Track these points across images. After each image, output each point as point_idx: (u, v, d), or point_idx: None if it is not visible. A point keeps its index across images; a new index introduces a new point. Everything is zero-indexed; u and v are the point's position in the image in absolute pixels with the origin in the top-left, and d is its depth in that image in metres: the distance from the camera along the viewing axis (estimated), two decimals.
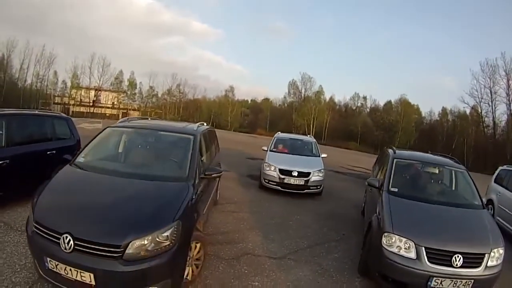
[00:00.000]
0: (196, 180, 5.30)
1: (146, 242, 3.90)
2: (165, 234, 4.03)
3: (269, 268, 5.90)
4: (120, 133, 6.79)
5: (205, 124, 7.95)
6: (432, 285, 4.99)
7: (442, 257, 5.03)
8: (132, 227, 3.98)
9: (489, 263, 5.18)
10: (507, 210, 10.39)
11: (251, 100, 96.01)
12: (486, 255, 5.18)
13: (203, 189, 5.77)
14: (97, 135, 6.26)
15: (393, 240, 5.25)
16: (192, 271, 4.91)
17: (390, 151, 8.12)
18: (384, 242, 5.31)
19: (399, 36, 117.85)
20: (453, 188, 7.90)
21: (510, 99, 59.62)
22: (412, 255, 5.10)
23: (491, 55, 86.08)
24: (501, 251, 5.39)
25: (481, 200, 6.80)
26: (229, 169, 14.70)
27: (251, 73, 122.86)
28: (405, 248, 5.16)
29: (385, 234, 5.35)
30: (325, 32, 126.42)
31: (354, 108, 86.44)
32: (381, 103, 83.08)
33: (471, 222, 6.04)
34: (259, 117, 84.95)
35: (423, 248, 5.07)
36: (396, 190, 6.62)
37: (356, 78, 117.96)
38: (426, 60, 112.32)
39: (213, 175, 5.97)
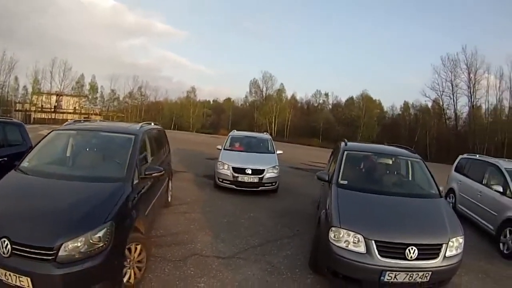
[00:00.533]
0: (135, 180, 5.13)
1: (79, 244, 3.81)
2: (98, 235, 3.91)
3: (217, 269, 5.71)
4: (64, 136, 6.59)
5: (152, 123, 7.80)
6: (385, 280, 4.79)
7: (394, 250, 4.83)
8: (64, 229, 3.89)
9: (448, 253, 5.04)
10: (468, 197, 10.57)
11: (213, 101, 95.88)
12: (444, 245, 5.03)
13: (146, 189, 5.61)
14: (42, 139, 6.12)
15: (341, 235, 5.02)
16: (135, 274, 4.73)
17: (342, 143, 7.93)
18: (332, 236, 5.08)
19: (360, 33, 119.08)
20: (410, 178, 7.81)
21: (471, 91, 62.15)
22: (362, 249, 4.88)
23: (451, 50, 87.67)
24: (461, 240, 5.28)
25: (438, 189, 6.71)
26: (187, 170, 14.70)
27: (215, 74, 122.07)
28: (353, 243, 4.93)
29: (333, 228, 5.12)
30: (289, 31, 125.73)
31: (316, 105, 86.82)
32: (343, 99, 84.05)
33: (427, 212, 5.91)
34: (222, 118, 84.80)
35: (373, 241, 4.85)
36: (345, 182, 6.45)
37: (318, 76, 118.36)
38: (387, 56, 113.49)
39: (153, 175, 5.72)
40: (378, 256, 4.79)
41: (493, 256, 8.09)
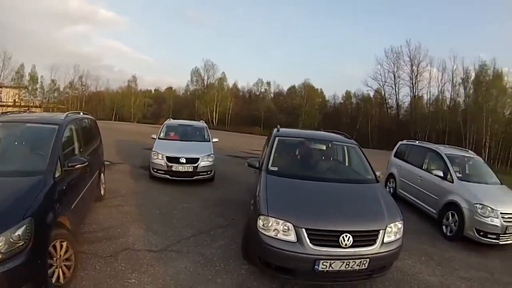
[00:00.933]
0: (57, 173, 4.86)
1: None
2: (17, 233, 3.67)
3: (148, 263, 5.54)
4: None
5: (81, 113, 7.48)
6: (320, 269, 4.63)
7: (327, 238, 4.68)
8: None
9: (386, 239, 4.97)
10: (408, 182, 10.89)
11: (155, 90, 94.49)
12: (381, 231, 4.94)
13: (72, 182, 5.36)
14: None
15: (269, 224, 4.82)
16: (64, 274, 4.49)
17: (275, 129, 7.83)
18: (260, 225, 4.88)
19: (304, 23, 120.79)
20: (346, 164, 7.83)
21: (413, 82, 65.64)
22: (292, 238, 4.70)
23: (395, 44, 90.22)
24: (400, 225, 5.23)
25: (375, 174, 6.72)
26: (124, 161, 14.35)
27: (157, 63, 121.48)
28: (283, 231, 4.75)
29: (261, 217, 4.92)
30: (232, 20, 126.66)
31: (257, 93, 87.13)
32: (285, 88, 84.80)
33: (363, 198, 5.86)
34: (163, 107, 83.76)
35: (303, 229, 4.68)
36: (275, 169, 6.35)
37: (260, 65, 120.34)
38: (330, 47, 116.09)
39: (76, 166, 5.42)
40: (310, 245, 4.63)
41: (436, 239, 8.37)
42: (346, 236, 4.66)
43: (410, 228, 8.55)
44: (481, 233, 7.91)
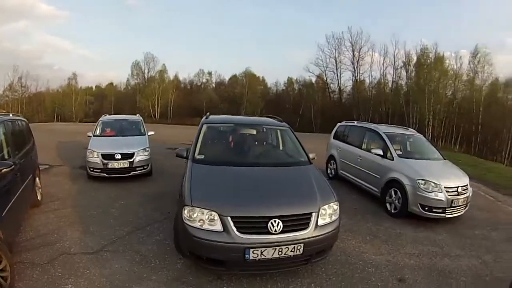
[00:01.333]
0: None
1: None
2: None
3: (84, 266, 5.31)
4: None
5: (11, 114, 7.04)
6: (251, 258, 4.49)
7: (255, 225, 4.57)
8: None
9: (320, 222, 4.89)
10: (349, 163, 11.00)
11: (96, 87, 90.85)
12: (314, 214, 4.84)
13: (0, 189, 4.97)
14: None
15: (195, 214, 4.66)
16: (0, 285, 4.23)
17: (204, 117, 7.70)
18: (186, 217, 4.71)
19: (245, 11, 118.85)
20: (280, 148, 7.73)
21: (355, 67, 67.19)
22: (218, 227, 4.55)
23: (337, 30, 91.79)
24: (335, 206, 5.17)
25: (307, 156, 6.65)
26: (63, 163, 13.80)
27: (99, 58, 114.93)
28: (209, 221, 4.59)
29: (186, 208, 4.76)
30: (172, 9, 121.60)
31: (199, 84, 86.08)
32: (227, 78, 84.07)
33: (294, 181, 5.73)
34: (104, 104, 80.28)
35: (229, 218, 4.54)
36: (202, 157, 6.25)
37: (201, 55, 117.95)
38: (271, 34, 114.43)
39: (2, 171, 5.01)
40: (237, 233, 4.49)
41: (381, 217, 8.46)
42: (275, 221, 4.55)
43: (353, 208, 8.76)
44: (426, 208, 8.03)
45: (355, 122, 12.27)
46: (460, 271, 6.07)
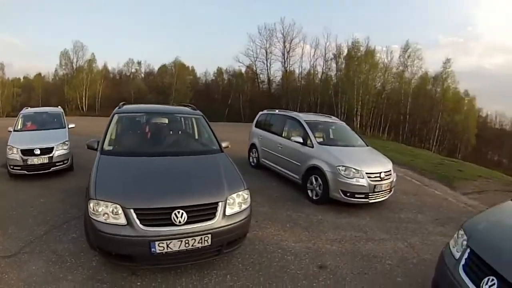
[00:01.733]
0: None
1: None
2: None
3: (3, 271, 5.00)
4: None
5: None
6: (158, 251, 4.37)
7: (158, 217, 4.44)
8: None
9: (229, 211, 4.82)
10: (270, 151, 11.02)
11: (24, 78, 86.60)
12: (220, 203, 4.77)
13: None
14: None
15: (99, 208, 4.46)
16: None
17: (117, 107, 7.46)
18: (91, 210, 4.50)
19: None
20: (194, 136, 7.66)
21: (285, 57, 68.52)
22: (122, 221, 4.37)
23: (269, 21, 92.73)
24: (245, 194, 5.12)
25: (219, 144, 6.64)
26: None
27: (27, 46, 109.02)
28: (113, 215, 4.40)
29: (91, 201, 4.54)
30: None
31: (128, 74, 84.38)
32: (156, 67, 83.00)
33: (202, 170, 5.66)
34: (32, 96, 75.92)
35: (132, 210, 4.37)
36: (110, 148, 6.05)
37: (131, 44, 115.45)
38: (201, 24, 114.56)
39: None
40: (141, 226, 4.34)
41: (303, 204, 8.46)
42: (179, 212, 4.45)
43: (274, 196, 8.76)
44: (348, 194, 8.10)
45: (277, 111, 12.27)
46: (385, 254, 6.14)
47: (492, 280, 3.28)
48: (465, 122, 62.40)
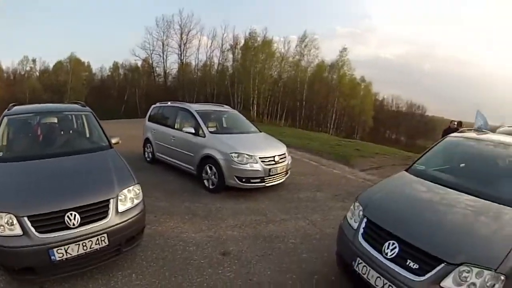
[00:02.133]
0: None
1: None
2: None
3: None
4: None
5: None
6: (57, 258, 4.07)
7: (52, 222, 4.13)
8: None
9: (121, 208, 4.69)
10: (164, 144, 10.91)
11: None
12: (112, 200, 4.61)
13: None
14: None
15: None
16: None
17: (6, 109, 6.98)
18: None
19: None
20: (85, 134, 7.38)
21: (182, 49, 68.11)
22: (18, 231, 4.01)
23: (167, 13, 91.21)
24: (137, 189, 5.03)
25: (108, 140, 6.53)
26: None
27: None
28: (9, 226, 4.02)
29: None
30: None
31: (23, 73, 79.27)
32: (52, 64, 77.90)
33: (91, 168, 5.45)
34: None
35: (26, 218, 4.03)
36: (0, 154, 5.68)
37: (26, 40, 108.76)
38: (98, 17, 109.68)
39: None
40: (37, 234, 4.03)
41: (200, 195, 8.46)
42: (71, 214, 4.23)
43: (171, 189, 8.68)
44: (243, 180, 8.25)
45: (169, 103, 12.11)
46: (287, 234, 6.35)
47: (393, 244, 3.58)
48: (361, 105, 66.53)
